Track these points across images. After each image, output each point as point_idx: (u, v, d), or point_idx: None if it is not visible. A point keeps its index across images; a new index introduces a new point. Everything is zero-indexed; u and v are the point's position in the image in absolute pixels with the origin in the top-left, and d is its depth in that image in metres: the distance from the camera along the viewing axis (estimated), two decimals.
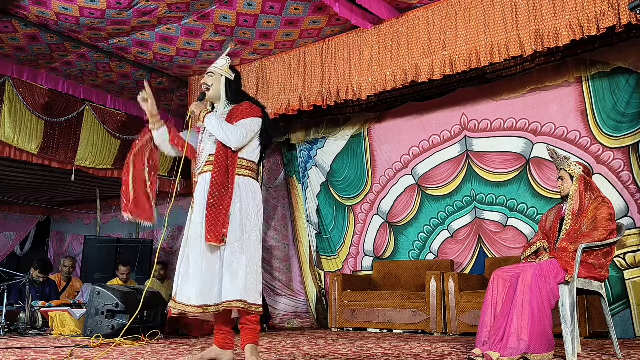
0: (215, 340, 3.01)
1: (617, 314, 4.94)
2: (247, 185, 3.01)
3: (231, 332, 3.01)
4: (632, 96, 5.19)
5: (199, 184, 3.06)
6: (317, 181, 7.25)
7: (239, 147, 2.99)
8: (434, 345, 4.17)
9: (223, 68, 3.19)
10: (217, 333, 3.02)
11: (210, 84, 3.16)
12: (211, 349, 3.00)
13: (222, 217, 2.87)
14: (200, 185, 3.05)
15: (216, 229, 2.85)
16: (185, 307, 2.85)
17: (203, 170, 3.06)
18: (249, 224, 2.95)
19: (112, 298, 4.66)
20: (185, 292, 2.86)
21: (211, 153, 3.03)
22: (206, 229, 2.87)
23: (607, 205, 3.40)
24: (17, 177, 8.03)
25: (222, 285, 2.85)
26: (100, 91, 7.24)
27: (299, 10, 5.29)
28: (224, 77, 3.18)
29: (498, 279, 3.28)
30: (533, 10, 4.54)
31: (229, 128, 2.96)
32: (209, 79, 3.18)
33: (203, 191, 3.00)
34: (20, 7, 5.27)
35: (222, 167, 2.95)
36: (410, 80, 5.17)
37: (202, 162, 3.09)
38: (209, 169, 3.01)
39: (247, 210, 2.96)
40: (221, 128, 2.96)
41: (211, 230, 2.85)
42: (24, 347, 3.75)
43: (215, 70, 3.19)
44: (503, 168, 5.92)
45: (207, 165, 3.04)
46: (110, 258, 8.32)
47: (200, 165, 3.09)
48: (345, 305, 6.01)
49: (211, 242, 2.85)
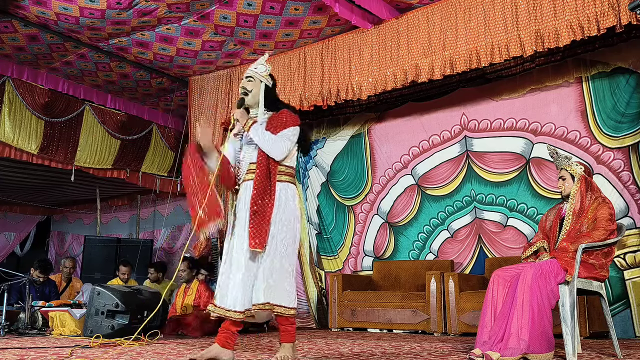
0: (217, 338, 3.01)
1: (617, 314, 4.94)
2: (287, 190, 3.06)
3: (235, 334, 3.02)
4: (632, 96, 5.19)
5: (242, 191, 3.11)
6: (317, 181, 7.25)
7: (282, 158, 3.05)
8: (434, 345, 4.17)
9: (263, 74, 3.21)
10: (221, 331, 3.02)
11: (250, 90, 3.18)
12: (212, 346, 3.00)
13: (265, 224, 2.94)
14: (243, 193, 3.10)
15: (260, 235, 2.92)
16: (226, 312, 2.91)
17: (245, 178, 3.10)
18: (288, 229, 3.02)
19: (112, 298, 4.66)
20: (228, 299, 2.92)
21: (252, 161, 3.08)
22: (250, 236, 2.92)
23: (607, 205, 3.40)
24: (17, 177, 8.03)
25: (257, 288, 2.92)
26: (100, 91, 7.24)
27: (299, 11, 5.29)
28: (264, 83, 3.20)
29: (498, 279, 3.28)
30: (533, 10, 4.54)
31: (275, 140, 3.02)
32: (249, 84, 3.19)
33: (245, 198, 3.05)
34: (20, 7, 5.27)
35: (264, 174, 3.01)
36: (410, 80, 5.17)
37: (243, 170, 3.14)
38: (251, 177, 3.05)
39: (287, 215, 3.03)
40: (266, 140, 3.01)
41: (255, 236, 2.91)
42: (24, 347, 3.75)
43: (256, 75, 3.19)
44: (503, 168, 5.92)
45: (249, 173, 3.09)
46: (111, 258, 8.33)
47: (242, 174, 3.14)
48: (346, 305, 6.01)
49: (255, 248, 2.90)
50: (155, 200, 9.09)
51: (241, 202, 3.08)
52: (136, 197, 9.57)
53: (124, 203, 10.05)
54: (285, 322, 2.98)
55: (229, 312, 2.90)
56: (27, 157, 6.59)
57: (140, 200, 9.52)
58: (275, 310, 2.89)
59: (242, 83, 3.21)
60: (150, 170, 7.89)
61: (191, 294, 5.80)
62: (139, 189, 8.79)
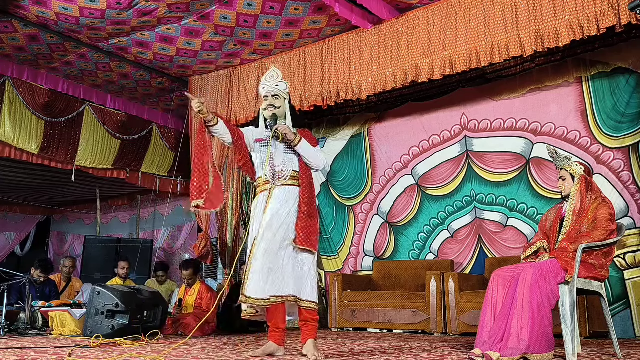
0: (271, 337, 3.40)
1: (617, 314, 4.94)
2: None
3: (285, 330, 3.41)
4: (632, 96, 5.19)
5: (281, 194, 3.38)
6: (317, 181, 7.21)
7: (322, 169, 3.55)
8: (434, 345, 4.17)
9: (286, 92, 3.54)
10: (273, 330, 3.39)
11: (278, 106, 3.48)
12: (269, 344, 3.38)
13: (314, 225, 3.37)
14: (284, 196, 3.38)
15: (312, 235, 3.32)
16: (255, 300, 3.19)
17: (287, 183, 3.41)
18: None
19: (112, 298, 4.66)
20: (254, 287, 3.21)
21: (295, 169, 3.44)
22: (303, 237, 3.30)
23: (607, 205, 3.40)
24: (17, 177, 8.03)
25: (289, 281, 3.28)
26: (100, 91, 7.24)
27: (299, 11, 5.29)
28: (287, 100, 3.54)
29: (498, 279, 3.28)
30: (533, 10, 4.54)
31: (320, 153, 3.51)
32: (276, 101, 3.48)
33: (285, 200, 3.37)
34: (20, 7, 5.27)
35: (309, 182, 3.45)
36: (410, 80, 5.17)
37: (285, 175, 3.42)
38: (295, 182, 3.43)
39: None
40: (316, 154, 3.47)
41: (307, 236, 3.31)
42: (24, 347, 3.75)
43: (281, 94, 3.50)
44: (503, 168, 5.92)
45: (292, 179, 3.43)
46: (111, 258, 8.32)
47: (284, 177, 3.42)
48: (346, 305, 6.01)
49: (306, 246, 3.29)
50: (155, 200, 9.09)
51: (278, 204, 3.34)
52: (136, 197, 9.58)
53: (124, 203, 10.05)
54: (310, 317, 3.36)
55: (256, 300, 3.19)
56: (27, 157, 6.59)
57: (140, 200, 9.52)
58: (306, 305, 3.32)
59: (270, 101, 3.47)
60: (150, 170, 7.89)
61: (192, 294, 5.80)
62: (139, 189, 8.79)
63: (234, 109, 6.47)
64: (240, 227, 6.86)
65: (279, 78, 3.53)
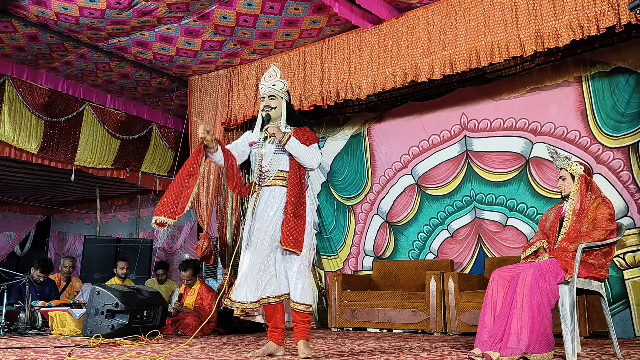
0: (271, 337, 3.38)
1: (617, 314, 4.94)
2: (309, 198, 3.42)
3: (285, 330, 3.39)
4: (632, 96, 5.19)
5: (266, 195, 3.35)
6: (317, 181, 7.25)
7: (315, 168, 3.46)
8: (434, 345, 4.17)
9: (283, 91, 3.50)
10: (273, 330, 3.38)
11: (274, 107, 3.46)
12: (269, 344, 3.37)
13: (302, 226, 3.25)
14: (269, 197, 3.35)
15: (298, 236, 3.23)
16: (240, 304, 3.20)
17: (273, 183, 3.36)
18: (310, 233, 3.34)
19: (112, 298, 4.66)
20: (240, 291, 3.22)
21: (282, 169, 3.38)
22: (288, 238, 3.21)
23: (607, 205, 3.40)
24: (17, 177, 8.03)
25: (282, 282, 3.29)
26: (100, 91, 7.24)
27: (299, 11, 5.29)
28: (284, 100, 3.50)
29: (498, 279, 3.28)
30: (533, 10, 4.54)
31: (311, 153, 3.39)
32: (272, 101, 3.46)
33: (273, 202, 3.32)
34: (20, 7, 5.27)
35: (297, 182, 3.34)
36: (410, 80, 5.17)
37: (271, 176, 3.37)
38: (282, 183, 3.36)
39: (309, 220, 3.36)
40: (304, 152, 3.36)
41: (293, 237, 3.21)
42: (24, 347, 3.75)
43: (277, 94, 3.47)
44: (503, 168, 5.92)
45: (278, 179, 3.37)
46: (111, 258, 8.33)
47: (267, 179, 3.37)
48: (346, 305, 6.01)
49: (290, 247, 3.19)
50: (155, 200, 9.09)
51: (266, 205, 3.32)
52: (136, 197, 9.58)
53: (124, 203, 10.05)
54: (301, 319, 3.28)
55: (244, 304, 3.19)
56: (28, 157, 6.59)
57: (140, 200, 9.53)
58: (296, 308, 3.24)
59: (266, 102, 3.46)
60: (150, 170, 7.89)
61: (193, 295, 5.79)
62: (139, 189, 8.79)
63: (233, 108, 6.47)
64: (240, 227, 6.86)
65: (277, 77, 3.51)
